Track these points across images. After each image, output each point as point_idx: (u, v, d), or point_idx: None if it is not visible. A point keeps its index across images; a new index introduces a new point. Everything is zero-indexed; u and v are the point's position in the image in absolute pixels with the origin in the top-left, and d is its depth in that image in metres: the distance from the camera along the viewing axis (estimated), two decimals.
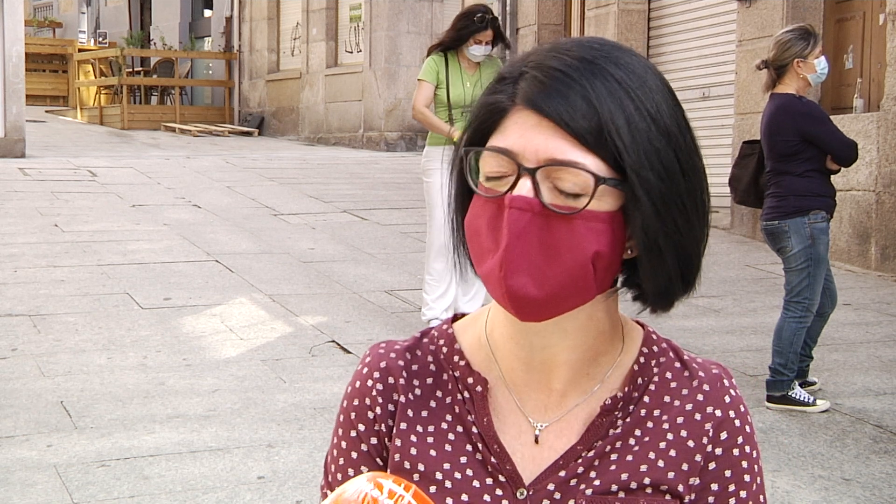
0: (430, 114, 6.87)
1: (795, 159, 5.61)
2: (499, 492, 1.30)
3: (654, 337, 1.37)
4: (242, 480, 4.69)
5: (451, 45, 6.88)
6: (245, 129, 21.47)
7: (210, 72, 24.15)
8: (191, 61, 24.30)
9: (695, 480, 1.29)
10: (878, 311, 7.74)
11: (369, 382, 1.37)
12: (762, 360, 6.22)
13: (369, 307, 7.78)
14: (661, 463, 1.28)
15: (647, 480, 1.28)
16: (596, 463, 1.28)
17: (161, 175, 14.02)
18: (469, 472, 1.31)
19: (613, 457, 1.29)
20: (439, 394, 1.36)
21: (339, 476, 1.39)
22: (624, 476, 1.28)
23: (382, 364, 1.37)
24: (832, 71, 6.69)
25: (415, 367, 1.37)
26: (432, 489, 1.30)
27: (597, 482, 1.28)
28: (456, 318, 1.42)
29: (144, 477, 4.70)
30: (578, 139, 1.20)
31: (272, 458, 4.95)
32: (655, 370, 1.34)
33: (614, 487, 1.27)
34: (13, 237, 9.78)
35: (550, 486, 1.29)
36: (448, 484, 1.31)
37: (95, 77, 23.90)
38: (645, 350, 1.35)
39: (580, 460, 1.29)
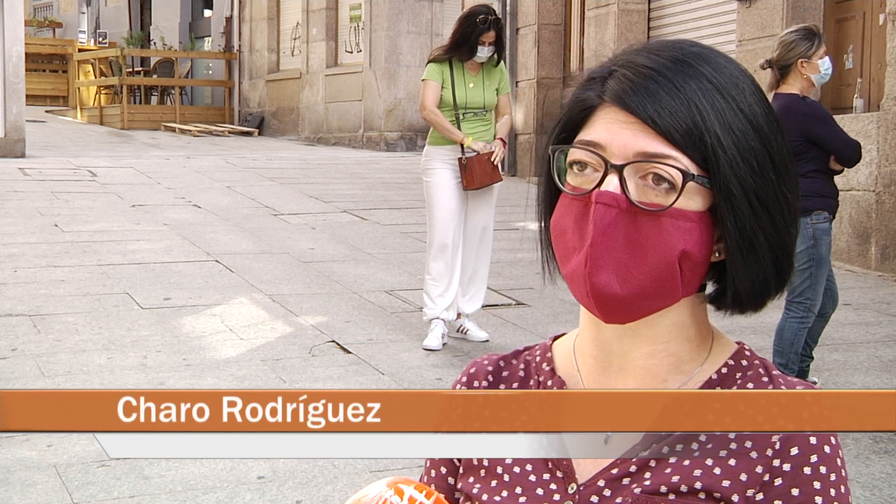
0: (442, 116, 6.83)
1: (799, 160, 5.60)
2: (553, 486, 1.31)
3: (748, 353, 1.34)
4: (242, 480, 4.68)
5: (462, 56, 6.83)
6: (245, 129, 21.47)
7: (210, 72, 24.15)
8: (191, 61, 24.31)
9: (755, 493, 1.24)
10: (879, 311, 7.74)
11: (458, 387, 1.44)
12: None
13: (369, 307, 7.78)
14: (717, 470, 1.25)
15: (698, 485, 1.24)
16: (651, 464, 1.27)
17: (161, 175, 14.02)
18: (528, 466, 1.34)
19: (672, 459, 1.26)
20: None
21: (424, 478, 1.45)
22: (675, 478, 1.25)
23: (472, 370, 1.44)
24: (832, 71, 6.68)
25: (505, 374, 1.42)
26: (493, 483, 1.34)
27: (647, 482, 1.26)
28: (562, 335, 1.46)
29: (144, 477, 4.70)
30: (666, 137, 1.21)
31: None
32: (738, 381, 1.31)
33: (664, 489, 1.25)
34: (13, 237, 9.78)
35: (601, 483, 1.29)
36: (507, 477, 1.34)
37: (95, 77, 23.90)
38: (731, 363, 1.32)
39: (635, 459, 1.28)
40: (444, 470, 1.41)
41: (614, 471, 1.29)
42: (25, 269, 8.63)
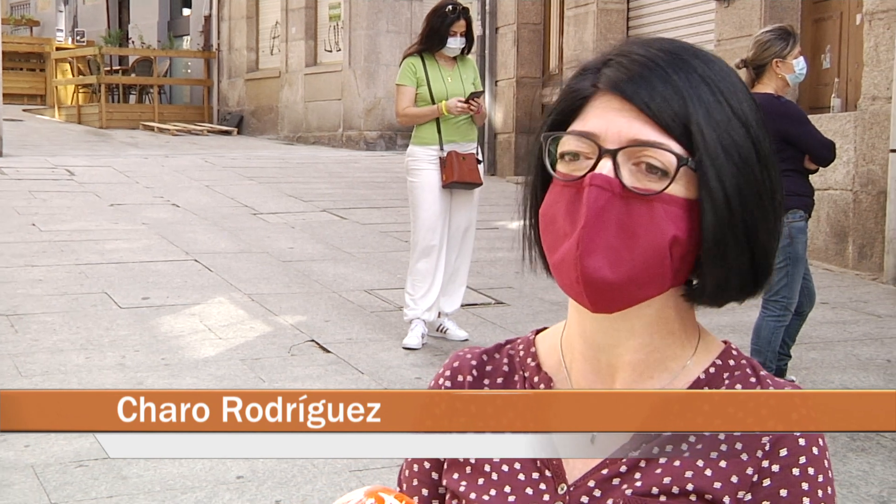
0: (414, 108, 6.83)
1: None
2: (542, 486, 1.31)
3: (735, 353, 1.34)
4: (221, 480, 4.67)
5: (433, 47, 6.83)
6: (224, 128, 21.41)
7: (189, 71, 24.06)
8: (169, 60, 24.21)
9: (745, 495, 1.24)
10: (856, 309, 7.78)
11: (441, 381, 1.42)
12: None
13: (349, 306, 7.78)
14: (708, 471, 1.25)
15: (690, 487, 1.24)
16: (642, 464, 1.26)
17: (139, 174, 13.97)
18: (517, 465, 1.33)
19: (662, 460, 1.26)
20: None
21: (406, 472, 1.43)
22: (667, 480, 1.25)
23: (456, 364, 1.42)
24: (810, 70, 6.71)
25: (488, 368, 1.41)
26: (480, 481, 1.33)
27: (638, 483, 1.26)
28: (544, 329, 1.44)
29: (122, 477, 4.68)
30: (660, 124, 1.21)
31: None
32: (726, 381, 1.31)
33: (655, 490, 1.25)
34: None
35: (591, 483, 1.29)
36: (494, 476, 1.33)
37: (73, 76, 23.78)
38: (719, 362, 1.32)
39: (625, 460, 1.27)
40: (427, 465, 1.40)
41: (604, 471, 1.28)
42: (2, 268, 8.58)
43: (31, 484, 4.61)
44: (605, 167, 1.21)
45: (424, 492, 1.40)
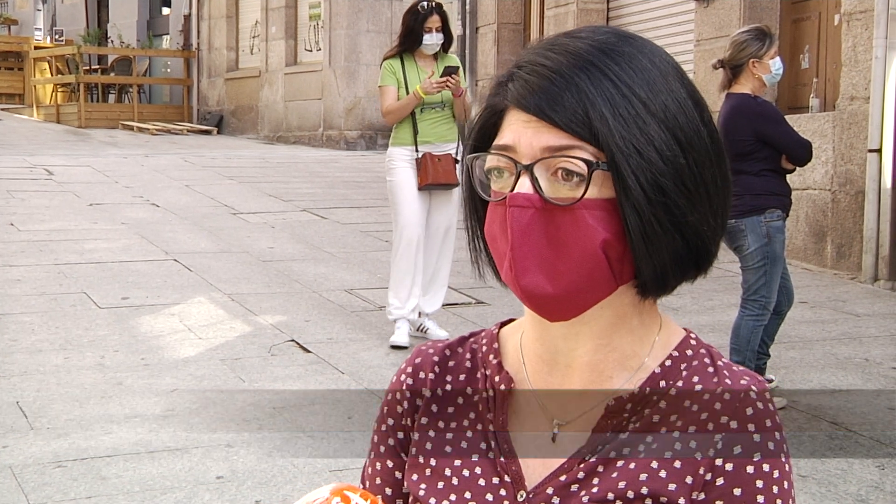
0: (397, 103, 6.82)
1: (751, 159, 5.66)
2: (502, 492, 1.29)
3: (693, 342, 1.32)
4: (201, 480, 4.66)
5: (410, 46, 6.85)
6: (204, 127, 21.34)
7: (168, 70, 23.98)
8: (149, 59, 24.12)
9: (698, 495, 1.21)
10: (834, 308, 7.82)
11: (402, 377, 1.40)
12: None
13: (329, 306, 7.77)
14: (662, 473, 1.22)
15: (644, 490, 1.22)
16: (600, 469, 1.25)
17: (119, 174, 13.92)
18: (478, 469, 1.31)
19: (619, 463, 1.24)
20: (469, 391, 1.36)
21: (369, 470, 1.41)
22: (622, 484, 1.23)
23: (418, 360, 1.40)
24: (788, 70, 6.75)
25: (451, 364, 1.39)
26: (440, 485, 1.31)
27: (595, 489, 1.24)
28: (510, 321, 1.42)
29: (102, 477, 4.66)
30: (567, 130, 1.20)
31: (231, 457, 4.93)
32: (684, 373, 1.28)
33: (611, 496, 1.23)
34: None
35: (549, 491, 1.27)
36: (455, 481, 1.31)
37: (52, 75, 23.67)
38: (675, 353, 1.30)
39: (583, 465, 1.25)
40: (390, 464, 1.38)
41: (563, 478, 1.26)
42: None
43: (10, 485, 4.59)
44: (524, 185, 1.21)
45: (388, 490, 1.38)
